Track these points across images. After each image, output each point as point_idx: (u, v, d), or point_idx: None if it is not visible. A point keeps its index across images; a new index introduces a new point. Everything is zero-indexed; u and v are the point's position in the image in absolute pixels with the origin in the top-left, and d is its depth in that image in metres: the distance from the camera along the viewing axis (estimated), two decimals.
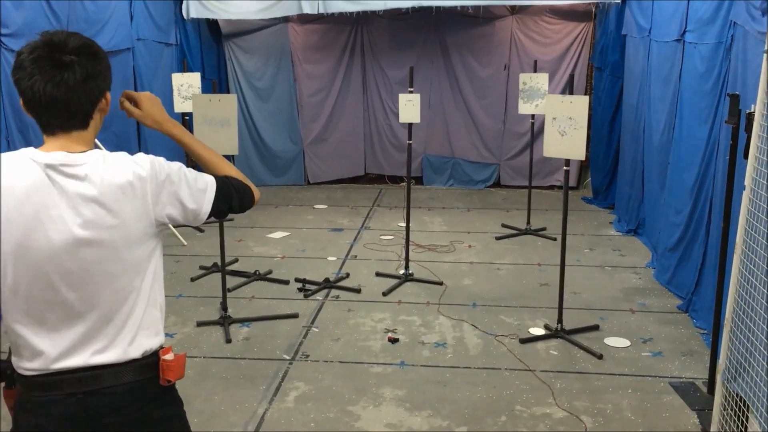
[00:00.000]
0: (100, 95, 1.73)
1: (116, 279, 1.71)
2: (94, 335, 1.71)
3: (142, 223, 1.72)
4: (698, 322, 4.73)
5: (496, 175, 8.99)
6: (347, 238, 6.83)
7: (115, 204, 1.67)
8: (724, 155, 4.04)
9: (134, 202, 1.69)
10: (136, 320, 1.75)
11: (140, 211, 1.71)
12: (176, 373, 1.80)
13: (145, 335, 1.77)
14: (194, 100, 4.72)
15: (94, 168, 1.67)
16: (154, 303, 1.80)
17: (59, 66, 1.64)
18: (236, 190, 1.92)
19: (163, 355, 1.80)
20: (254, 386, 3.99)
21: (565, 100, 4.43)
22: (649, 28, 6.28)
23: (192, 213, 1.81)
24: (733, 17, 4.41)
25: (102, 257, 1.68)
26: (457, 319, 4.89)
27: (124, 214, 1.68)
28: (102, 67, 1.72)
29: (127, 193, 1.68)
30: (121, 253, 1.69)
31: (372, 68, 9.01)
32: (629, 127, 7.05)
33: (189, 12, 7.72)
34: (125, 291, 1.73)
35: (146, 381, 1.78)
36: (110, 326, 1.72)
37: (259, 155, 8.99)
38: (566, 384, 3.99)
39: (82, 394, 1.70)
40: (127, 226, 1.69)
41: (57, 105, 1.66)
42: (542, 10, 8.38)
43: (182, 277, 5.71)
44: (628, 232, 6.84)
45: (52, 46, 1.65)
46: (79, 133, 1.72)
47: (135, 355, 1.75)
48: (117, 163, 1.70)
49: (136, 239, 1.72)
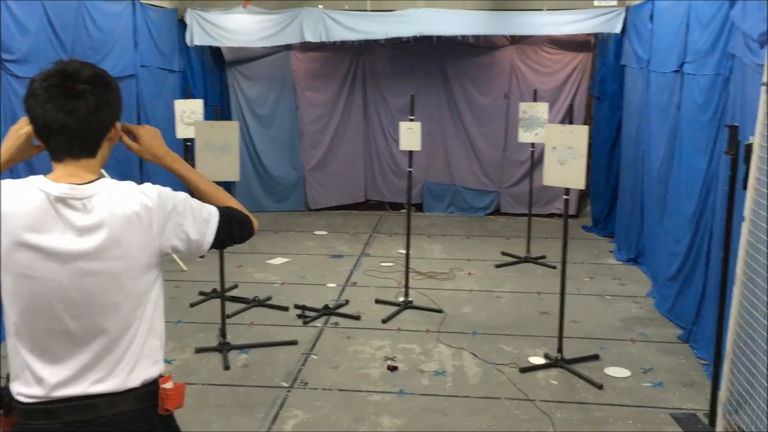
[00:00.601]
0: (110, 124, 1.75)
1: (119, 309, 1.71)
2: (94, 365, 1.70)
3: (146, 254, 1.73)
4: (699, 353, 4.71)
5: (496, 202, 9.01)
6: (347, 265, 6.82)
7: (121, 234, 1.68)
8: (723, 186, 4.06)
9: (140, 232, 1.70)
10: (136, 349, 1.75)
11: (146, 241, 1.72)
12: (175, 402, 1.80)
13: (145, 364, 1.77)
14: (196, 126, 4.75)
15: (100, 198, 1.68)
16: (154, 332, 1.79)
17: (72, 95, 1.66)
18: (238, 221, 1.93)
19: (162, 383, 1.79)
20: (252, 414, 3.96)
21: (564, 130, 4.46)
22: (647, 59, 6.34)
23: (195, 244, 1.81)
24: (731, 49, 4.46)
25: (106, 287, 1.68)
26: (456, 347, 4.87)
27: (130, 245, 1.69)
28: (113, 97, 1.74)
29: (134, 223, 1.69)
30: (124, 283, 1.70)
31: (373, 96, 9.08)
32: (628, 156, 7.08)
33: (192, 39, 7.81)
34: (127, 320, 1.73)
35: (145, 410, 1.77)
36: (111, 356, 1.72)
37: (260, 181, 9.02)
38: (566, 414, 3.96)
39: (80, 422, 1.69)
40: (132, 257, 1.70)
41: (68, 133, 1.68)
42: (542, 41, 8.47)
43: (181, 302, 5.70)
44: (628, 261, 6.84)
45: (65, 75, 1.67)
46: (87, 161, 1.73)
47: (134, 384, 1.74)
48: (124, 193, 1.72)
49: (139, 269, 1.72)
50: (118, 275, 1.69)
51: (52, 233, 1.64)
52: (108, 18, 6.29)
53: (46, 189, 1.66)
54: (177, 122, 6.96)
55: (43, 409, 1.69)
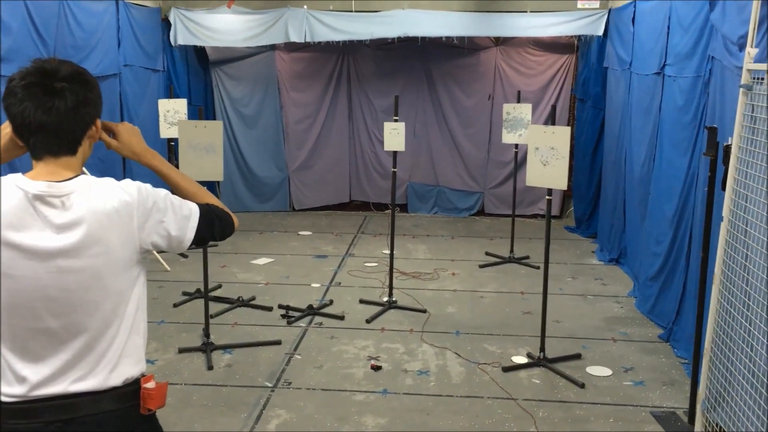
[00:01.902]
0: (90, 122, 1.75)
1: (100, 306, 1.71)
2: (75, 363, 1.70)
3: (127, 250, 1.72)
4: (679, 352, 4.76)
5: (480, 203, 9.05)
6: (331, 265, 6.83)
7: (100, 231, 1.67)
8: (703, 186, 4.11)
9: (120, 229, 1.70)
10: (118, 348, 1.74)
11: (126, 238, 1.71)
12: (157, 401, 1.79)
13: (127, 363, 1.76)
14: (180, 126, 4.74)
15: (79, 196, 1.68)
16: (137, 330, 1.79)
17: (50, 93, 1.65)
18: (218, 217, 1.93)
19: (144, 383, 1.78)
20: (235, 414, 3.96)
21: (547, 131, 4.50)
22: (629, 61, 6.40)
23: (176, 240, 1.82)
24: (711, 51, 4.52)
25: (86, 285, 1.68)
26: (440, 347, 4.89)
27: (110, 242, 1.69)
28: (93, 95, 1.74)
29: (113, 219, 1.69)
30: (105, 280, 1.70)
31: (358, 97, 9.09)
32: (611, 157, 7.15)
33: (176, 39, 7.78)
34: (108, 318, 1.72)
35: (126, 409, 1.76)
36: (92, 354, 1.71)
37: (245, 181, 9.00)
38: (548, 413, 3.99)
39: (60, 422, 1.68)
40: (112, 254, 1.70)
41: (46, 131, 1.67)
42: (526, 42, 8.52)
43: (165, 302, 5.68)
44: (610, 261, 6.90)
45: (43, 73, 1.66)
46: (67, 159, 1.73)
47: (116, 383, 1.74)
48: (103, 189, 1.71)
49: (120, 266, 1.72)
50: (98, 272, 1.68)
51: (30, 231, 1.64)
52: (91, 17, 6.26)
53: (24, 187, 1.66)
54: (161, 122, 6.94)
55: (24, 409, 1.68)
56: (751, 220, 2.84)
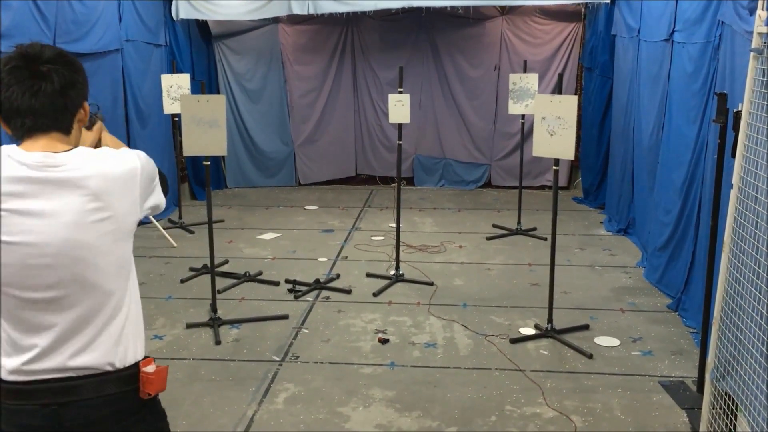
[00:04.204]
0: (78, 105, 1.74)
1: (104, 272, 1.69)
2: (71, 336, 1.68)
3: (131, 218, 1.73)
4: (688, 321, 4.74)
5: (487, 175, 8.99)
6: (338, 239, 6.81)
7: (106, 196, 1.66)
8: (713, 154, 4.05)
9: (125, 196, 1.70)
10: (118, 324, 1.72)
11: (130, 205, 1.72)
12: (156, 386, 1.76)
13: (128, 340, 1.75)
14: (182, 100, 4.69)
15: (82, 162, 1.66)
16: (137, 308, 1.79)
17: (36, 76, 1.65)
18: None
19: (143, 366, 1.76)
20: (243, 388, 3.97)
21: (554, 100, 4.43)
22: (638, 28, 6.30)
23: (159, 206, 1.86)
24: (720, 17, 4.43)
25: (87, 254, 1.65)
26: (447, 319, 4.89)
27: (116, 207, 1.68)
28: (79, 77, 1.73)
29: (119, 186, 1.69)
30: (111, 246, 1.69)
31: (362, 69, 9.01)
32: (619, 127, 7.07)
33: (178, 13, 7.69)
34: (111, 288, 1.71)
35: (125, 394, 1.73)
36: (90, 327, 1.69)
37: (250, 156, 8.97)
38: (556, 384, 3.98)
39: (56, 405, 1.66)
40: (119, 220, 1.69)
41: (34, 114, 1.66)
42: (532, 11, 8.39)
43: (172, 278, 5.68)
44: (618, 232, 6.86)
45: (27, 57, 1.66)
46: (60, 135, 1.71)
47: (115, 361, 1.71)
48: (106, 157, 1.71)
49: (124, 235, 1.72)
50: (101, 240, 1.66)
51: (29, 200, 1.62)
52: None
53: (20, 158, 1.64)
54: (164, 97, 6.90)
55: (21, 389, 1.66)
56: (761, 187, 2.79)
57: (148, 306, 5.13)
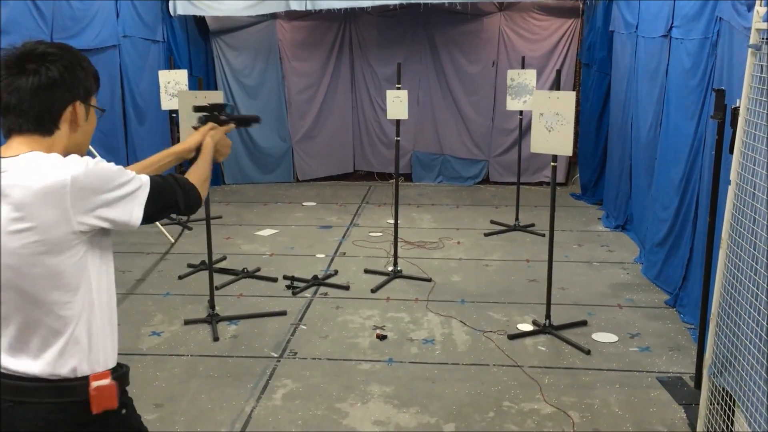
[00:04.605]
0: (62, 105, 1.69)
1: (32, 287, 1.65)
2: (19, 341, 1.69)
3: (60, 231, 1.63)
4: (685, 317, 4.75)
5: (485, 171, 8.99)
6: (336, 236, 6.81)
7: (29, 209, 1.60)
8: (711, 150, 4.05)
9: (50, 208, 1.61)
10: (64, 336, 1.69)
11: (58, 218, 1.62)
12: (99, 404, 1.70)
13: (76, 354, 1.70)
14: (180, 96, 4.69)
15: (14, 171, 1.62)
16: (89, 319, 1.71)
17: (19, 73, 1.65)
18: (181, 187, 1.84)
19: (93, 380, 1.71)
20: (242, 384, 3.97)
21: (552, 96, 4.43)
22: (636, 24, 6.29)
23: (122, 223, 1.70)
24: (719, 13, 4.42)
25: (19, 260, 1.63)
26: (445, 315, 4.89)
27: (40, 219, 1.61)
28: (68, 76, 1.68)
29: (42, 198, 1.60)
30: (38, 258, 1.63)
31: (360, 65, 9.00)
32: (617, 123, 7.07)
33: (176, 9, 7.67)
34: (44, 303, 1.66)
35: (70, 404, 1.69)
36: (34, 336, 1.68)
37: (248, 153, 8.96)
38: (554, 379, 3.99)
39: (11, 402, 1.67)
40: (43, 232, 1.62)
41: (12, 112, 1.66)
42: (530, 7, 8.39)
43: (170, 275, 5.68)
44: (616, 228, 6.86)
45: (20, 55, 1.67)
46: (35, 137, 1.68)
47: (62, 373, 1.69)
48: (41, 166, 1.62)
49: (53, 247, 1.63)
50: (29, 249, 1.62)
51: None
52: None
53: None
54: (161, 93, 6.89)
55: None
56: (759, 183, 2.79)
57: (146, 302, 5.13)
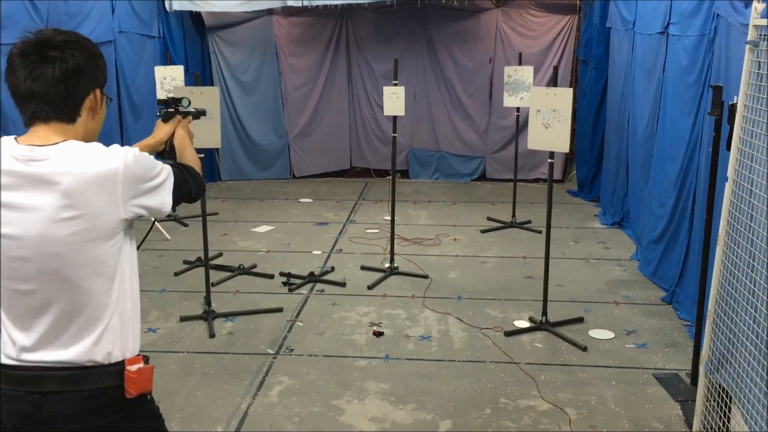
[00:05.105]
0: (86, 92, 1.71)
1: (75, 274, 1.66)
2: (54, 329, 1.68)
3: (109, 218, 1.67)
4: (682, 314, 4.75)
5: (482, 168, 8.98)
6: (332, 232, 6.80)
7: (79, 195, 1.63)
8: (708, 147, 4.05)
9: (102, 195, 1.65)
10: (102, 322, 1.71)
11: (108, 205, 1.66)
12: (138, 385, 1.73)
13: (112, 339, 1.72)
14: (176, 92, 4.66)
15: (60, 159, 1.64)
16: (123, 305, 1.74)
17: (41, 60, 1.64)
18: (192, 176, 1.94)
19: (128, 365, 1.73)
20: (238, 381, 3.96)
21: (549, 92, 4.42)
22: (633, 20, 6.28)
23: (156, 209, 1.78)
24: (716, 9, 4.42)
25: (65, 247, 1.64)
26: (442, 312, 4.89)
27: (90, 207, 1.64)
28: (89, 64, 1.71)
29: (95, 185, 1.64)
30: (84, 245, 1.65)
31: (357, 61, 8.97)
32: (614, 119, 7.06)
33: (172, 4, 7.63)
34: (85, 290, 1.68)
35: (105, 390, 1.71)
36: (71, 323, 1.68)
37: (244, 149, 8.93)
38: (551, 376, 3.99)
39: (38, 394, 1.66)
40: (92, 219, 1.65)
41: (35, 99, 1.66)
42: (527, 3, 8.37)
43: (165, 271, 5.66)
44: (613, 225, 6.87)
45: (38, 42, 1.66)
46: (60, 125, 1.70)
47: (98, 359, 1.70)
48: (88, 154, 1.66)
49: (101, 234, 1.66)
50: (76, 236, 1.64)
51: (13, 192, 1.63)
52: None
53: (10, 150, 1.65)
54: (157, 89, 6.85)
55: (8, 375, 1.68)
56: (756, 179, 2.79)
57: (142, 299, 5.06)
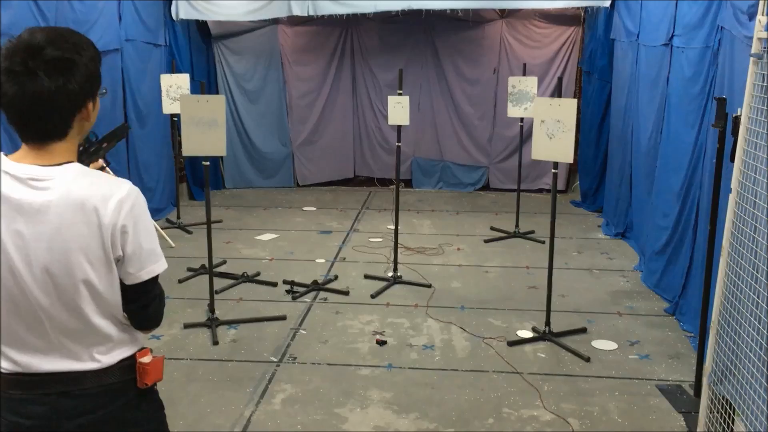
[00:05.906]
0: (78, 104, 1.64)
1: (68, 294, 1.65)
2: (58, 347, 1.68)
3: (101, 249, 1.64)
4: (685, 325, 4.75)
5: (486, 178, 9.00)
6: (336, 241, 6.81)
7: (71, 221, 1.60)
8: (711, 159, 4.06)
9: (92, 225, 1.62)
10: (106, 336, 1.72)
11: (90, 240, 1.62)
12: (153, 376, 1.78)
13: (119, 347, 1.75)
14: (182, 100, 4.69)
15: (61, 181, 1.61)
16: (117, 314, 1.74)
17: (27, 74, 1.56)
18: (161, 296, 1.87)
19: (139, 357, 1.77)
20: (241, 388, 3.97)
21: (553, 103, 4.44)
22: (637, 32, 6.31)
23: (125, 274, 1.71)
24: (720, 22, 4.44)
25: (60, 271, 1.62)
26: (445, 321, 4.89)
27: (80, 233, 1.61)
28: (78, 76, 1.61)
29: (85, 213, 1.61)
30: (78, 269, 1.63)
31: (362, 70, 9.01)
32: (617, 130, 7.08)
33: (178, 13, 7.69)
34: (80, 307, 1.66)
35: (122, 384, 1.76)
36: (71, 340, 1.69)
37: (248, 157, 8.96)
38: (554, 386, 3.99)
39: (56, 394, 1.68)
40: (84, 245, 1.62)
41: (27, 115, 1.59)
42: (532, 14, 8.41)
43: (169, 278, 5.67)
44: (616, 236, 6.87)
45: (28, 51, 1.57)
46: (54, 143, 1.64)
47: (109, 363, 1.73)
48: (89, 182, 1.63)
49: (94, 260, 1.64)
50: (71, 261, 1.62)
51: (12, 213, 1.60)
52: None
53: (9, 169, 1.61)
54: (163, 97, 6.90)
55: (20, 380, 1.68)
56: (760, 191, 2.80)
57: None
